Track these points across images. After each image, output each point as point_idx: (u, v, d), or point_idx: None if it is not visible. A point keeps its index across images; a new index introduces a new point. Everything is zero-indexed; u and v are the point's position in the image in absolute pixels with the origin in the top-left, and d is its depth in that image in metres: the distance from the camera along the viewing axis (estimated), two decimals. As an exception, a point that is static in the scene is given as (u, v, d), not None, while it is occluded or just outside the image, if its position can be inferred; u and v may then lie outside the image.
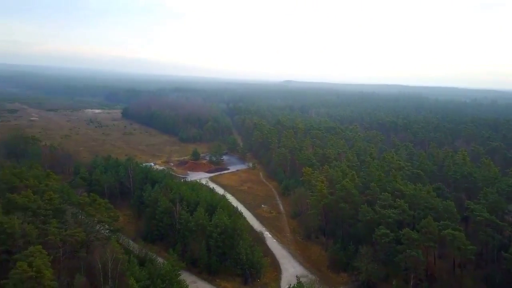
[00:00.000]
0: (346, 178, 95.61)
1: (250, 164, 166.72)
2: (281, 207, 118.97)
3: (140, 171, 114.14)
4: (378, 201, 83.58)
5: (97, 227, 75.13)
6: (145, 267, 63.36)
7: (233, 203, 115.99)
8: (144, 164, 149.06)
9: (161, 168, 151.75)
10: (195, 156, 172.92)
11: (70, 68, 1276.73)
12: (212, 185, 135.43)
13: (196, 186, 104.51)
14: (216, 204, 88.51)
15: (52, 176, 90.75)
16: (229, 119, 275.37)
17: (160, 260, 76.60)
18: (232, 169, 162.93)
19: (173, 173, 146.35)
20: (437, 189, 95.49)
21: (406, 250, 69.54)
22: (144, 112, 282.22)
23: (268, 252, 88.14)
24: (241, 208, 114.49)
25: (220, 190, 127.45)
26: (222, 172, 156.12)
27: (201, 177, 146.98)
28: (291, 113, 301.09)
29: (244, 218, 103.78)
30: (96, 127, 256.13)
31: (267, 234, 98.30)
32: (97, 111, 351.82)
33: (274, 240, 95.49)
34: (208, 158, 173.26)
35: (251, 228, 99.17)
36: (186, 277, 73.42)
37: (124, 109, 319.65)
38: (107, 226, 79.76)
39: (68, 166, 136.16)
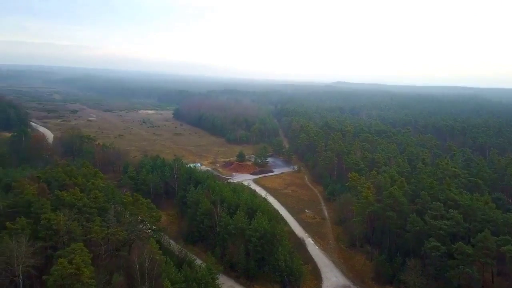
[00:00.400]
0: (395, 185, 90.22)
1: (295, 167, 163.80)
2: (326, 213, 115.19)
3: (184, 172, 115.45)
4: (428, 211, 77.79)
5: (139, 227, 76.37)
6: (182, 269, 63.07)
7: (275, 207, 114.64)
8: (190, 165, 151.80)
9: (206, 168, 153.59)
10: (241, 157, 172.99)
11: (128, 71, 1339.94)
12: (255, 187, 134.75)
13: (237, 188, 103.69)
14: (256, 208, 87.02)
15: (99, 175, 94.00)
16: (276, 121, 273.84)
17: (199, 262, 76.46)
18: (277, 171, 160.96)
19: (218, 174, 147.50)
20: (497, 200, 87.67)
21: (459, 266, 64.00)
22: (194, 113, 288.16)
23: (309, 259, 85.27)
24: (283, 212, 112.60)
25: (263, 193, 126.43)
26: (266, 175, 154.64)
27: (246, 178, 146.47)
28: (340, 115, 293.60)
29: (286, 223, 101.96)
30: (148, 127, 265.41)
31: (310, 241, 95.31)
32: (150, 112, 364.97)
33: (316, 247, 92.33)
34: (253, 160, 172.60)
35: (292, 233, 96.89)
36: (224, 280, 72.79)
37: (175, 110, 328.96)
38: (149, 226, 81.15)
39: (118, 165, 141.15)
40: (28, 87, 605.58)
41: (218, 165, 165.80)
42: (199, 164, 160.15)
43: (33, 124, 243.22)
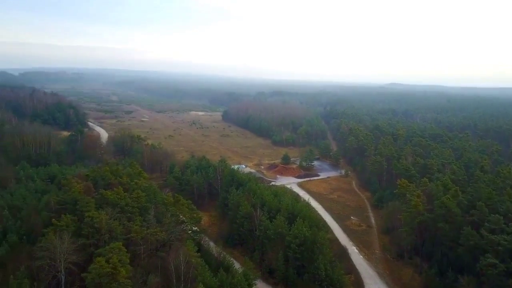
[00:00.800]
0: (448, 194, 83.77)
1: (343, 171, 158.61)
2: (373, 221, 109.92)
3: (227, 173, 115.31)
4: (486, 224, 71.14)
5: (179, 228, 76.76)
6: (218, 273, 62.20)
7: (319, 213, 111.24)
8: (235, 166, 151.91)
9: (251, 170, 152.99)
10: (286, 160, 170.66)
11: (180, 73, 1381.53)
12: (299, 191, 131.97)
13: (279, 191, 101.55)
14: (297, 213, 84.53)
15: (143, 175, 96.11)
16: (324, 123, 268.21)
17: (237, 266, 75.42)
18: (323, 175, 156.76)
19: (262, 176, 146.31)
20: None
21: (520, 287, 57.55)
22: (242, 115, 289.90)
23: (352, 269, 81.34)
24: (328, 218, 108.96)
25: (307, 197, 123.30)
26: (311, 178, 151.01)
27: (290, 182, 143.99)
28: (392, 117, 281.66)
29: (329, 229, 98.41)
30: (197, 128, 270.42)
31: (354, 249, 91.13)
32: (200, 113, 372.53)
33: (361, 257, 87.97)
34: (298, 163, 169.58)
35: (336, 241, 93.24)
36: (261, 287, 71.20)
37: (224, 112, 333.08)
38: (189, 227, 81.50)
39: (165, 164, 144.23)
40: (89, 89, 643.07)
41: (262, 167, 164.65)
42: (243, 166, 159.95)
43: (90, 123, 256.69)
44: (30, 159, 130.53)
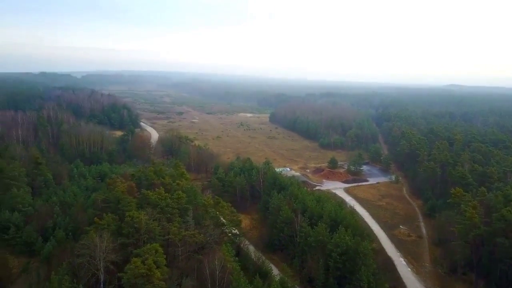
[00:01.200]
0: (509, 205, 76.17)
1: (393, 177, 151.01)
2: (424, 231, 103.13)
3: (270, 176, 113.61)
4: (554, 242, 63.63)
5: (219, 230, 76.17)
6: (254, 280, 60.61)
7: (366, 220, 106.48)
8: (280, 169, 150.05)
9: (296, 174, 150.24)
10: (333, 164, 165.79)
11: (231, 75, 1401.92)
12: (346, 197, 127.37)
13: (322, 197, 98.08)
14: (341, 220, 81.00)
15: (185, 176, 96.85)
16: (375, 126, 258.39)
17: (275, 272, 73.53)
18: (372, 181, 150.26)
19: (307, 180, 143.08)
20: None
21: None
22: (289, 116, 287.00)
23: (399, 283, 76.44)
24: (375, 226, 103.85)
25: (353, 203, 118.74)
26: (359, 184, 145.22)
27: (336, 187, 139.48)
28: (449, 121, 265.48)
29: (375, 238, 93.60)
30: (244, 130, 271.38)
31: (401, 261, 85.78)
32: (248, 115, 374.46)
33: (409, 269, 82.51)
34: (346, 167, 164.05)
35: (382, 251, 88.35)
36: (300, 296, 68.76)
37: (271, 114, 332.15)
38: (227, 230, 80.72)
39: (210, 166, 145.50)
40: (144, 90, 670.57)
41: (308, 170, 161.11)
42: (288, 169, 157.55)
43: (142, 124, 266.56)
44: (84, 158, 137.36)
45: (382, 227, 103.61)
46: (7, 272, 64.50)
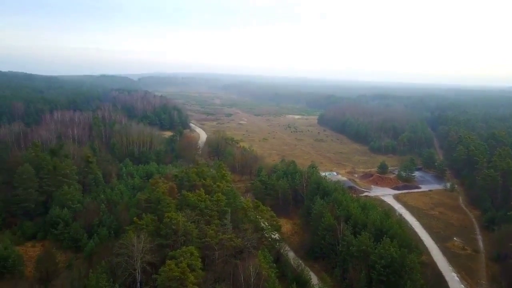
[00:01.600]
0: None
1: (448, 185, 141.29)
2: (480, 244, 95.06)
3: (314, 180, 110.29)
4: None
5: (257, 235, 74.66)
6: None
7: (416, 230, 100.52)
8: (326, 173, 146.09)
9: (343, 179, 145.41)
10: (383, 168, 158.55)
11: (280, 77, 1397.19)
12: (395, 204, 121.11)
13: (369, 204, 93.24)
14: (387, 230, 76.31)
15: (226, 177, 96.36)
16: (430, 130, 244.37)
17: (315, 281, 70.78)
18: (424, 188, 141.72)
19: (354, 186, 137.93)
20: None
21: None
22: (338, 119, 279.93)
23: (450, 301, 70.57)
24: (425, 237, 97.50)
25: (403, 211, 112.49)
26: (410, 191, 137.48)
27: (385, 193, 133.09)
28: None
29: (425, 250, 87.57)
30: (291, 132, 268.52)
31: (454, 276, 79.36)
32: (296, 116, 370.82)
33: (462, 286, 76.04)
34: (396, 173, 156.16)
35: (432, 264, 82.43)
36: (339, 308, 65.46)
37: (319, 116, 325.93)
38: (267, 235, 79.00)
39: (254, 168, 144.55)
40: (195, 92, 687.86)
41: (356, 175, 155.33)
42: (335, 173, 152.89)
43: (192, 125, 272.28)
44: (133, 157, 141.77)
45: (433, 239, 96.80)
46: (54, 267, 67.21)
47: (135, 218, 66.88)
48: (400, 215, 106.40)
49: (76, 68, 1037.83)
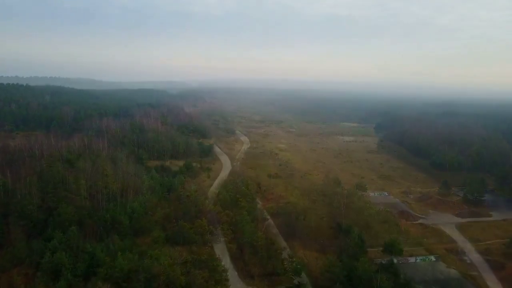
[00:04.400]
0: None
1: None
2: None
3: (355, 206, 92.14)
4: None
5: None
6: None
7: (489, 285, 77.33)
8: (375, 194, 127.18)
9: (395, 200, 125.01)
10: (444, 189, 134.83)
11: (326, 90, 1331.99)
12: (458, 237, 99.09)
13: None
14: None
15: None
16: (506, 144, 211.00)
17: None
18: (496, 216, 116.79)
19: (407, 210, 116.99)
20: None
21: None
22: (396, 128, 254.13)
23: None
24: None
25: (468, 249, 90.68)
26: (478, 219, 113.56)
27: (446, 221, 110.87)
28: None
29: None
30: (344, 142, 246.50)
31: None
32: (351, 124, 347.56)
33: None
34: (461, 195, 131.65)
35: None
36: None
37: (377, 124, 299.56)
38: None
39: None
40: (251, 100, 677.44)
41: (411, 196, 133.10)
42: (386, 193, 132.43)
43: (238, 132, 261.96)
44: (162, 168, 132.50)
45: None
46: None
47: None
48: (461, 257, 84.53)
49: (146, 76, 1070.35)
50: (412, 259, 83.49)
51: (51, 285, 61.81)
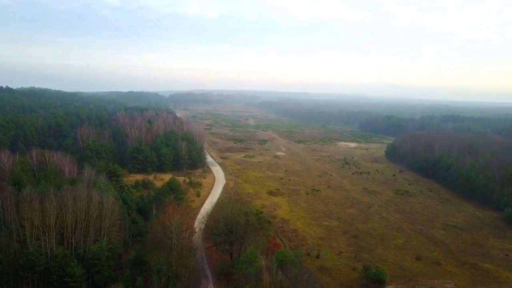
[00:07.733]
0: None
1: None
2: None
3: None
4: None
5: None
6: None
7: None
8: None
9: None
10: None
11: (323, 94, 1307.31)
12: None
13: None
14: None
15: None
16: None
17: None
18: None
19: None
20: None
21: None
22: (420, 153, 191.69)
23: None
24: None
25: None
26: None
27: None
28: None
29: None
30: (354, 174, 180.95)
31: None
32: (351, 145, 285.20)
33: None
34: None
35: None
36: None
37: (388, 147, 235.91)
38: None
39: None
40: (229, 110, 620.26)
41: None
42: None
43: (210, 160, 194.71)
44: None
45: None
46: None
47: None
48: None
49: (122, 85, 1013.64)
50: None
51: None
